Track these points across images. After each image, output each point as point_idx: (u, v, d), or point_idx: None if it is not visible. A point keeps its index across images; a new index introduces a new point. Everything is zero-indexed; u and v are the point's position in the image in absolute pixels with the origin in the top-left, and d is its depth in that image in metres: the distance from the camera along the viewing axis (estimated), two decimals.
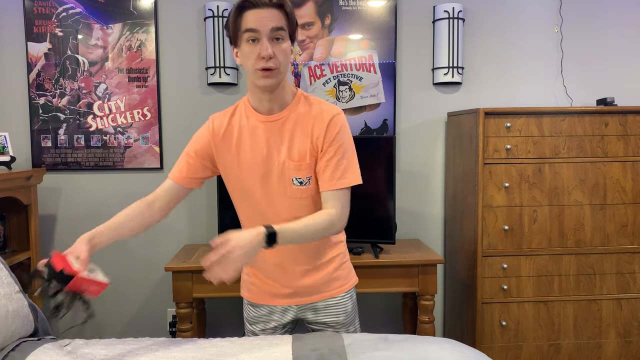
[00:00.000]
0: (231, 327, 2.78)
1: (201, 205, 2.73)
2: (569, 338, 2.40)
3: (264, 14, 1.31)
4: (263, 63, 1.31)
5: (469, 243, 2.45)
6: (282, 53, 1.34)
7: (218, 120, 1.49)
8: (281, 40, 1.34)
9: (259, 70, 1.33)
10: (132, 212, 1.51)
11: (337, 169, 1.41)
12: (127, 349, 1.49)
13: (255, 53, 1.32)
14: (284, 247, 1.37)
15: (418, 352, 1.41)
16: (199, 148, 1.50)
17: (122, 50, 2.65)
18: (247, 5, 1.32)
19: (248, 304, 1.65)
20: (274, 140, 1.43)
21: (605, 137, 2.36)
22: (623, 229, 2.39)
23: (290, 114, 1.44)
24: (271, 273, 1.57)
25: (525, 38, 2.76)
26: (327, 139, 1.41)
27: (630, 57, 2.80)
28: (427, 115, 2.76)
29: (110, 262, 2.73)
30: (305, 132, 1.42)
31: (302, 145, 1.42)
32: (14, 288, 1.57)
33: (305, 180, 1.43)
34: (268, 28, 1.31)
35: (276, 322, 1.62)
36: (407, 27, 2.73)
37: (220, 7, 2.57)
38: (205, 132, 1.50)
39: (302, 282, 1.55)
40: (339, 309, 1.60)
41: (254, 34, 1.31)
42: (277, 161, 1.43)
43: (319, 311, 1.59)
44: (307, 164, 1.42)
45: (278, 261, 1.54)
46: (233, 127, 1.47)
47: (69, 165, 2.68)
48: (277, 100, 1.43)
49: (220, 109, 2.68)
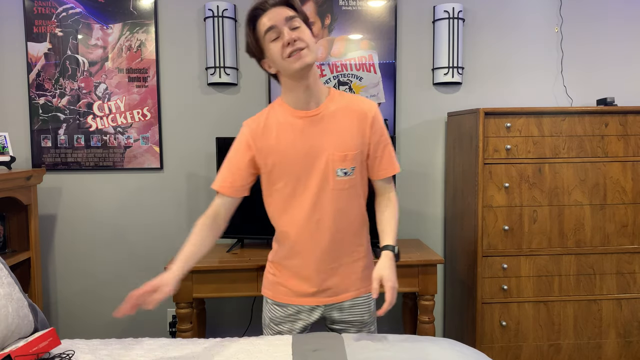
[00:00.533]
0: (231, 327, 2.78)
1: (201, 205, 2.73)
2: (569, 338, 2.40)
3: (273, 12, 1.40)
4: (290, 48, 1.38)
5: (469, 243, 2.45)
6: (303, 34, 1.40)
7: (253, 123, 1.53)
8: (299, 28, 1.41)
9: (289, 57, 1.39)
10: (203, 233, 1.53)
11: (388, 157, 1.54)
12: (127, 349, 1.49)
13: (280, 44, 1.39)
14: (315, 245, 1.51)
15: (418, 352, 1.41)
16: (240, 157, 1.52)
17: (122, 50, 2.65)
18: (258, 13, 1.42)
19: (273, 303, 1.62)
20: (315, 134, 1.48)
21: (605, 137, 2.36)
22: (623, 229, 2.39)
23: (328, 108, 1.49)
24: (300, 271, 1.56)
25: (525, 38, 2.76)
26: (374, 130, 1.51)
27: (630, 57, 2.80)
28: (427, 115, 2.76)
29: (110, 262, 2.73)
30: (349, 124, 1.49)
31: (346, 137, 1.48)
32: (14, 288, 1.57)
33: (350, 170, 1.49)
34: (282, 18, 1.39)
35: (303, 322, 1.60)
36: (407, 27, 2.73)
37: (220, 7, 2.57)
38: (243, 139, 1.53)
39: (331, 280, 1.56)
40: (364, 309, 1.61)
41: (274, 31, 1.40)
42: (320, 154, 1.48)
43: (344, 310, 1.60)
44: (353, 155, 1.48)
45: (309, 258, 1.54)
46: (271, 125, 1.51)
47: (69, 165, 2.68)
48: (314, 95, 1.48)
49: (220, 109, 2.70)
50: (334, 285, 1.56)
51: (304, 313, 1.60)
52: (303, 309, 1.59)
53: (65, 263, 2.73)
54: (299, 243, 1.53)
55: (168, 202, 2.73)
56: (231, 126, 2.71)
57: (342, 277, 1.56)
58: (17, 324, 1.50)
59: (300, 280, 1.57)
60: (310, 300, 1.58)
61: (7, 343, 1.47)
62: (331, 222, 1.50)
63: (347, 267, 1.57)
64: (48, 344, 1.41)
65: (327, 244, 1.52)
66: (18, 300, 1.54)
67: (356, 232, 1.56)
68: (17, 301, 1.53)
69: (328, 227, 1.50)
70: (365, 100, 1.53)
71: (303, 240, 1.52)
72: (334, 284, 1.56)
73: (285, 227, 1.54)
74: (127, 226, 2.73)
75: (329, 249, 1.53)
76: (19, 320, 1.51)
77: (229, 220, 1.57)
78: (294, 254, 1.55)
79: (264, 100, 2.71)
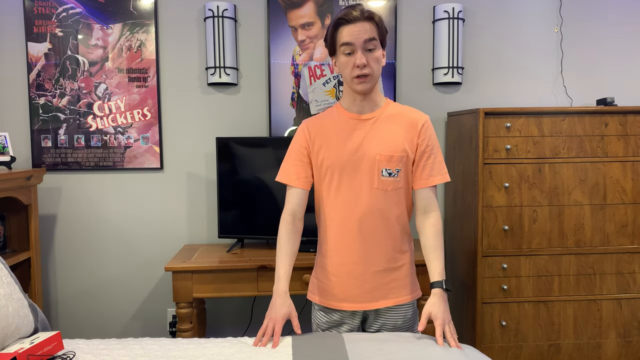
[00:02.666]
0: (231, 327, 2.78)
1: (201, 205, 2.73)
2: (569, 338, 2.40)
3: (356, 28, 1.48)
4: (358, 71, 1.50)
5: (469, 243, 2.45)
6: (374, 61, 1.51)
7: (311, 121, 1.65)
8: (373, 50, 1.51)
9: (355, 77, 1.51)
10: (291, 238, 1.61)
11: (432, 169, 1.59)
12: (127, 349, 1.49)
13: (351, 63, 1.50)
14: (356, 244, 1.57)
15: (418, 352, 1.42)
16: (299, 149, 1.63)
17: (122, 50, 2.65)
18: (342, 22, 1.51)
19: (319, 309, 1.67)
20: (365, 136, 1.57)
21: (605, 137, 2.36)
22: (623, 229, 2.39)
23: (382, 114, 1.60)
24: (341, 271, 1.60)
25: (525, 38, 2.76)
26: (422, 141, 1.58)
27: (630, 57, 2.80)
28: (427, 115, 2.76)
29: (110, 262, 2.73)
30: (399, 129, 1.57)
31: (395, 140, 1.56)
32: (14, 288, 1.57)
33: (395, 172, 1.55)
34: (361, 40, 1.49)
35: (348, 326, 1.64)
36: (407, 27, 2.73)
37: (220, 7, 2.57)
38: (302, 134, 1.64)
39: (371, 283, 1.59)
40: (399, 314, 1.64)
41: (349, 47, 1.50)
42: (367, 153, 1.55)
43: (380, 314, 1.63)
44: (399, 157, 1.55)
45: (354, 261, 1.58)
46: (327, 124, 1.63)
47: (69, 165, 2.68)
48: (369, 103, 1.59)
49: (220, 109, 2.71)
50: (374, 289, 1.60)
51: (347, 319, 1.64)
52: (345, 314, 1.63)
53: (65, 263, 2.73)
54: (340, 240, 1.58)
55: (168, 202, 2.73)
56: (231, 126, 2.71)
57: (383, 282, 1.60)
58: (17, 324, 1.50)
59: (342, 282, 1.60)
60: (351, 305, 1.61)
61: (7, 343, 1.47)
62: (373, 221, 1.56)
63: (388, 273, 1.60)
64: (52, 348, 1.43)
65: (368, 244, 1.57)
66: (18, 300, 1.54)
67: (397, 237, 1.60)
68: (17, 301, 1.53)
69: (369, 226, 1.56)
70: (418, 111, 1.63)
71: (345, 237, 1.58)
72: (374, 288, 1.60)
73: (328, 222, 1.60)
74: (127, 226, 2.73)
75: (369, 249, 1.57)
76: (19, 320, 1.51)
77: (303, 217, 1.64)
78: (335, 252, 1.60)
79: (264, 100, 2.71)
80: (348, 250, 1.58)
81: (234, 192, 2.50)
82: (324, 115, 1.65)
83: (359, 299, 1.60)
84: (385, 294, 1.61)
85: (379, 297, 1.60)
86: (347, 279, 1.60)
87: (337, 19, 1.52)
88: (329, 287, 1.63)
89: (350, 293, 1.60)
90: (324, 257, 1.64)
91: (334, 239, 1.60)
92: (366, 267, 1.58)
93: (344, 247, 1.58)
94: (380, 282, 1.60)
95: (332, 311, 1.64)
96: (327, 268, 1.63)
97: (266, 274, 2.27)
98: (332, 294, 1.62)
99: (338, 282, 1.61)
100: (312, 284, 1.70)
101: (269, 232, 2.48)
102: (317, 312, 1.68)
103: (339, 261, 1.60)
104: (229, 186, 2.51)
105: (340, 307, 1.62)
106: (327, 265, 1.63)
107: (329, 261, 1.62)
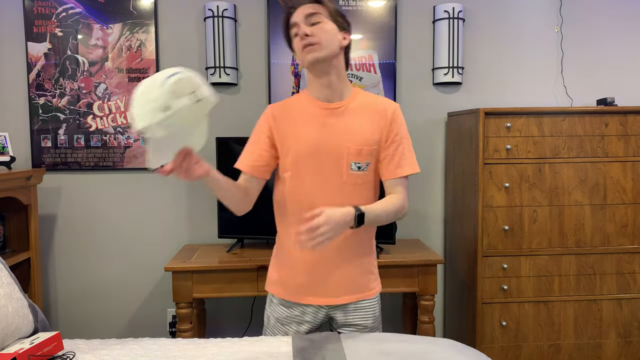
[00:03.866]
0: (231, 327, 2.78)
1: (201, 205, 2.73)
2: (569, 338, 2.40)
3: (299, 10, 1.47)
4: (303, 42, 1.45)
5: (469, 243, 2.45)
6: (319, 30, 1.45)
7: (276, 105, 1.57)
8: (318, 23, 1.45)
9: (303, 48, 1.45)
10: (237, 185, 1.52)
11: (401, 158, 1.52)
12: (127, 349, 1.49)
13: (299, 39, 1.47)
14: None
15: (418, 352, 1.41)
16: (261, 136, 1.55)
17: (122, 50, 2.65)
18: (290, 12, 1.49)
19: (279, 303, 1.62)
20: (334, 127, 1.50)
21: (605, 137, 2.36)
22: (623, 229, 2.39)
23: (350, 103, 1.53)
24: (303, 263, 1.55)
25: (525, 38, 2.76)
26: (392, 129, 1.52)
27: (630, 57, 2.80)
28: (427, 115, 2.76)
29: (110, 262, 2.73)
30: (369, 121, 1.51)
31: (365, 132, 1.50)
32: (14, 288, 1.57)
33: (364, 165, 1.50)
34: (303, 15, 1.45)
35: (309, 324, 1.60)
36: (407, 27, 2.73)
37: (220, 7, 2.57)
38: (264, 119, 1.56)
39: (333, 275, 1.55)
40: (368, 312, 1.61)
41: (294, 28, 1.47)
42: (336, 146, 1.49)
43: (348, 313, 1.60)
44: (369, 150, 1.50)
45: (319, 255, 1.53)
46: (293, 111, 1.54)
47: (69, 165, 2.68)
48: (336, 91, 1.52)
49: (220, 109, 2.70)
50: (337, 282, 1.56)
51: (309, 315, 1.59)
52: (307, 310, 1.59)
53: (65, 263, 2.73)
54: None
55: (168, 202, 2.73)
56: (231, 126, 2.71)
57: (345, 274, 1.56)
58: (17, 324, 1.50)
59: (303, 275, 1.56)
60: (314, 299, 1.57)
61: (7, 343, 1.47)
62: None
63: (350, 265, 1.56)
64: (52, 348, 1.43)
65: (335, 241, 1.51)
66: (18, 300, 1.54)
67: (362, 231, 1.55)
68: (17, 301, 1.53)
69: None
70: (388, 100, 1.57)
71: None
72: (337, 281, 1.55)
73: (291, 215, 1.54)
74: (127, 226, 2.72)
75: (334, 243, 1.52)
76: (19, 320, 1.51)
77: (254, 201, 1.57)
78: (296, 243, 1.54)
79: (264, 100, 2.71)
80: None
81: None
82: (290, 101, 1.57)
83: (322, 293, 1.56)
84: (350, 288, 1.57)
85: (342, 292, 1.56)
86: (310, 273, 1.55)
87: (286, 14, 1.51)
88: (289, 280, 1.58)
89: (313, 287, 1.55)
90: (285, 250, 1.59)
91: (296, 231, 1.50)
92: (330, 261, 1.53)
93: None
94: (343, 277, 1.55)
95: (293, 305, 1.59)
96: (288, 262, 1.58)
97: (266, 274, 2.27)
98: (295, 286, 1.57)
99: (300, 276, 1.56)
100: (272, 276, 1.64)
101: (269, 232, 2.48)
102: (276, 305, 1.62)
103: (302, 255, 1.54)
104: None
105: (303, 301, 1.57)
106: (289, 259, 1.57)
107: (290, 254, 1.57)
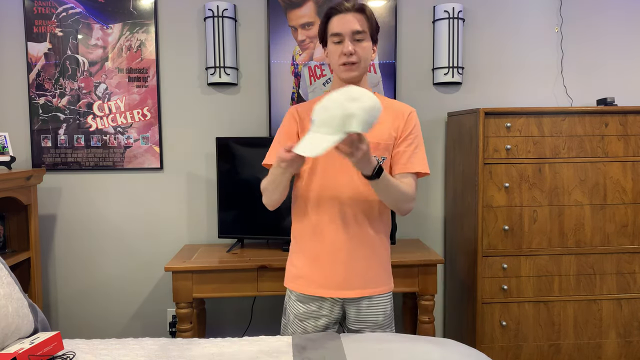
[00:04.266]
0: (231, 327, 2.78)
1: (201, 205, 2.73)
2: (569, 338, 2.40)
3: (346, 19, 1.53)
4: (345, 59, 1.54)
5: (469, 243, 2.45)
6: (362, 50, 1.55)
7: (301, 106, 1.67)
8: (362, 41, 1.55)
9: (342, 65, 1.55)
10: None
11: (412, 155, 1.59)
12: (127, 348, 1.49)
13: (339, 51, 1.55)
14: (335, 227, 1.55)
15: (418, 352, 1.42)
16: (288, 132, 1.63)
17: (122, 50, 2.65)
18: (333, 12, 1.55)
19: (297, 299, 1.65)
20: None
21: (605, 137, 2.36)
22: (623, 229, 2.39)
23: None
24: (319, 255, 1.59)
25: (525, 38, 2.76)
26: (406, 128, 1.60)
27: (630, 57, 2.80)
28: (427, 115, 2.76)
29: (110, 262, 2.73)
30: (386, 119, 1.58)
31: (381, 129, 1.57)
32: (14, 288, 1.57)
33: (380, 160, 1.56)
34: (349, 30, 1.52)
35: (326, 319, 1.63)
36: (407, 27, 2.73)
37: (220, 7, 2.57)
38: (290, 115, 1.65)
39: (351, 270, 1.58)
40: (379, 309, 1.64)
41: (338, 37, 1.54)
42: None
43: (361, 310, 1.63)
44: (385, 145, 1.58)
45: (328, 241, 1.58)
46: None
47: (69, 165, 2.68)
48: None
49: (221, 109, 2.70)
50: (352, 276, 1.59)
51: (326, 309, 1.62)
52: (324, 303, 1.62)
53: (65, 263, 2.73)
54: (320, 226, 1.58)
55: (168, 202, 2.73)
56: (231, 126, 2.71)
57: (360, 267, 1.59)
58: (17, 324, 1.50)
59: (319, 268, 1.59)
60: (331, 292, 1.60)
61: (7, 343, 1.47)
62: (355, 208, 1.57)
63: (365, 257, 1.60)
64: (52, 348, 1.44)
65: (349, 230, 1.57)
66: (18, 300, 1.54)
67: (378, 226, 1.61)
68: (17, 301, 1.53)
69: (351, 213, 1.57)
70: (406, 105, 1.66)
71: (324, 222, 1.58)
72: (352, 274, 1.59)
73: (310, 207, 1.60)
74: (127, 226, 2.72)
75: (350, 236, 1.57)
76: (19, 320, 1.51)
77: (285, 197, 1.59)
78: (314, 236, 1.59)
79: (264, 100, 2.71)
80: (327, 231, 1.58)
81: (234, 192, 2.50)
82: (313, 102, 1.64)
83: (338, 285, 1.59)
84: (365, 283, 1.60)
85: (357, 285, 1.60)
86: (326, 266, 1.59)
87: (328, 9, 1.57)
88: (307, 274, 1.62)
89: (330, 280, 1.59)
90: (302, 243, 1.63)
91: (314, 225, 1.59)
92: (346, 254, 1.58)
93: (324, 233, 1.58)
94: (359, 270, 1.59)
95: (310, 300, 1.63)
96: (305, 255, 1.62)
97: (266, 274, 2.27)
98: (311, 280, 1.61)
99: (317, 269, 1.60)
100: (290, 272, 1.68)
101: (269, 232, 2.48)
102: (294, 302, 1.66)
103: (319, 247, 1.59)
104: (229, 186, 2.50)
105: (320, 294, 1.61)
106: (306, 252, 1.62)
107: (307, 247, 1.61)
